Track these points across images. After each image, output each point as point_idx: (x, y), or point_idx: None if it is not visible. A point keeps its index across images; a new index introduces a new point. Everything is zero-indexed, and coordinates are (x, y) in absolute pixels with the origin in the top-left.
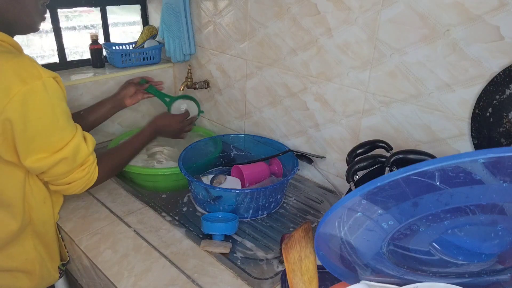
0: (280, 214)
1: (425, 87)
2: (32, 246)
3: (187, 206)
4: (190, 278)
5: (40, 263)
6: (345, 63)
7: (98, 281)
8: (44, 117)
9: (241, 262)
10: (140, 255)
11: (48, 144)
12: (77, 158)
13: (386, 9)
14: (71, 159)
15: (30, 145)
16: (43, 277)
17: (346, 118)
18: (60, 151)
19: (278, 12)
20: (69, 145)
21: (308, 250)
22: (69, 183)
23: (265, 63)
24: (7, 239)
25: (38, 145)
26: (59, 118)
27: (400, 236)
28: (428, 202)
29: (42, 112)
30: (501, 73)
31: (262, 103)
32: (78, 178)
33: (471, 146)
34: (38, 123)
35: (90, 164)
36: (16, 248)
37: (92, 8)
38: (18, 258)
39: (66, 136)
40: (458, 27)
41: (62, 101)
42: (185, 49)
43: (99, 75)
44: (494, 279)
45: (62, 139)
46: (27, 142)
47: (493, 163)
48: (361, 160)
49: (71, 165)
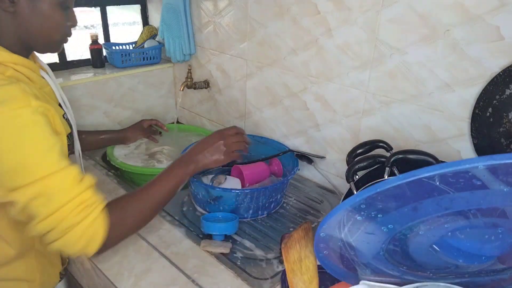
0: (280, 214)
1: (425, 87)
2: (34, 259)
3: (187, 206)
4: (190, 278)
5: (41, 271)
6: (345, 63)
7: (98, 281)
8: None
9: (241, 262)
10: (140, 255)
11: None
12: (63, 192)
13: (386, 9)
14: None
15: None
16: (44, 284)
17: (346, 118)
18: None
19: (278, 12)
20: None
21: (308, 250)
22: (66, 232)
23: (265, 63)
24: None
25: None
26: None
27: (400, 237)
28: (428, 207)
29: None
30: (501, 73)
31: (262, 103)
32: (76, 221)
33: (471, 146)
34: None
35: (91, 205)
36: (18, 262)
37: (92, 8)
38: (20, 269)
39: (41, 170)
40: (458, 27)
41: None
42: (185, 49)
43: (99, 75)
44: (494, 278)
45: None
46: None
47: (494, 169)
48: (361, 160)
49: (55, 200)
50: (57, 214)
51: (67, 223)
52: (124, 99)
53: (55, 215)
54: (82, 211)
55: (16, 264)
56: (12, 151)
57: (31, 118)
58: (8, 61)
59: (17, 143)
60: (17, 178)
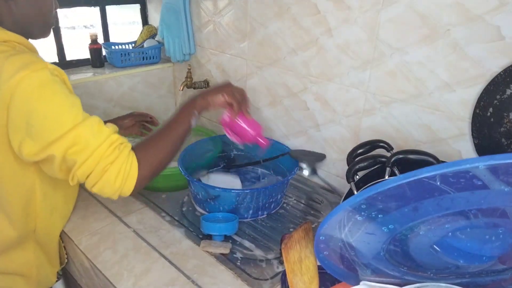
0: (280, 214)
1: (425, 87)
2: (32, 252)
3: (187, 206)
4: (190, 279)
5: (39, 268)
6: (345, 63)
7: (97, 282)
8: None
9: (241, 262)
10: (139, 255)
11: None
12: (96, 136)
13: (386, 9)
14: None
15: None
16: (40, 282)
17: (346, 118)
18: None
19: (278, 12)
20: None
21: (308, 250)
22: (104, 171)
23: (265, 63)
24: (5, 244)
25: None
26: (67, 104)
27: (401, 237)
28: (428, 207)
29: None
30: (502, 73)
31: (262, 103)
32: (112, 159)
33: (471, 146)
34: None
35: (120, 144)
36: (16, 252)
37: (92, 8)
38: (17, 262)
39: (71, 120)
40: (458, 27)
41: (67, 91)
42: (185, 49)
43: (98, 75)
44: (494, 279)
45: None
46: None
47: (494, 169)
48: (361, 160)
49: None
50: (94, 157)
51: (104, 163)
52: (124, 99)
53: (92, 158)
54: (114, 150)
55: (14, 256)
56: (42, 108)
57: (51, 78)
58: (13, 40)
59: (45, 99)
60: (50, 132)
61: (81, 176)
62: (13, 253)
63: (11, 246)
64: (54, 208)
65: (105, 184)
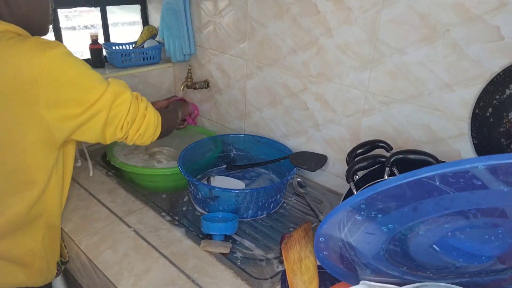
0: (280, 214)
1: (425, 87)
2: (41, 239)
3: (187, 206)
4: (190, 278)
5: (41, 258)
6: (345, 63)
7: (98, 281)
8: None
9: (241, 262)
10: (140, 255)
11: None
12: (126, 89)
13: (386, 9)
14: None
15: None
16: (42, 272)
17: (346, 118)
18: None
19: (278, 12)
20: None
21: (308, 250)
22: (144, 115)
23: (265, 63)
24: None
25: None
26: (89, 71)
27: (400, 237)
28: (428, 207)
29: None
30: (501, 73)
31: (262, 103)
32: (145, 104)
33: (471, 146)
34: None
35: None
36: (24, 237)
37: (92, 8)
38: (21, 248)
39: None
40: (458, 27)
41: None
42: (185, 49)
43: None
44: (494, 278)
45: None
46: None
47: (494, 169)
48: (361, 160)
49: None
50: (133, 105)
51: (142, 107)
52: None
53: (132, 105)
54: (142, 99)
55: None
56: (77, 75)
57: (68, 51)
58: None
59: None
60: (92, 93)
61: (129, 122)
62: (21, 238)
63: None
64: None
65: (147, 127)
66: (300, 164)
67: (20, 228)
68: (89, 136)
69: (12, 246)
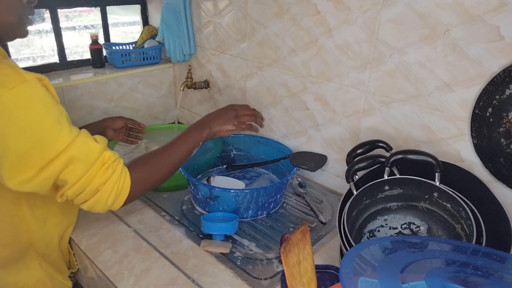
0: (280, 214)
1: (425, 87)
2: (38, 266)
3: (187, 206)
4: (190, 278)
5: (51, 279)
6: (345, 63)
7: (98, 281)
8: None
9: (241, 262)
10: (140, 255)
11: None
12: (89, 156)
13: (386, 9)
14: (80, 158)
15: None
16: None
17: (346, 118)
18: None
19: (278, 12)
20: (70, 147)
21: (306, 252)
22: (97, 191)
23: (265, 63)
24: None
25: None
26: (51, 122)
27: None
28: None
29: (31, 118)
30: (501, 73)
31: (262, 103)
32: (104, 179)
33: (471, 146)
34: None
35: (112, 162)
36: (22, 273)
37: (92, 8)
38: (28, 281)
39: (62, 141)
40: (458, 27)
41: (52, 103)
42: (185, 49)
43: (99, 75)
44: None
45: (55, 145)
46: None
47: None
48: (360, 160)
49: (84, 163)
50: (86, 177)
51: (96, 183)
52: (124, 99)
53: (84, 178)
54: (108, 169)
55: (21, 275)
56: (27, 130)
57: (32, 93)
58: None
59: (30, 122)
60: (42, 155)
61: (72, 195)
62: (20, 274)
63: (12, 264)
64: (46, 217)
65: (96, 203)
66: (300, 164)
67: (12, 266)
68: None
69: (17, 281)
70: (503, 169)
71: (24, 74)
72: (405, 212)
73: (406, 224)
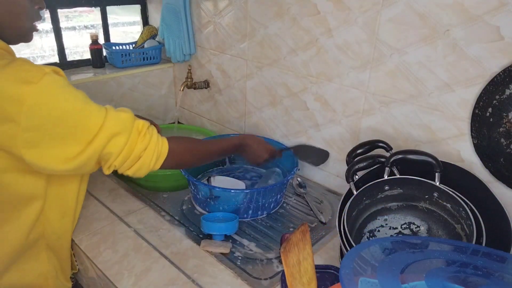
0: (280, 214)
1: (425, 87)
2: (46, 260)
3: (187, 206)
4: (190, 278)
5: (54, 277)
6: (345, 63)
7: (98, 281)
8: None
9: (241, 262)
10: (140, 255)
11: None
12: (125, 126)
13: (386, 9)
14: (119, 131)
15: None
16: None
17: (346, 118)
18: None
19: (278, 12)
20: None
21: (306, 252)
22: (140, 156)
23: (265, 63)
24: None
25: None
26: (80, 105)
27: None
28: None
29: (63, 105)
30: (501, 73)
31: (262, 103)
32: (145, 145)
33: (471, 146)
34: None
35: (147, 129)
36: (29, 264)
37: (92, 8)
38: (31, 274)
39: (96, 118)
40: (458, 27)
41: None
42: (185, 49)
43: (99, 75)
44: None
45: (92, 123)
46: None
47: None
48: (360, 160)
49: (123, 134)
50: (128, 146)
51: (138, 150)
52: (124, 99)
53: (127, 147)
54: (144, 137)
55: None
56: (63, 117)
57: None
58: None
59: (63, 109)
60: (82, 136)
61: (119, 164)
62: (27, 265)
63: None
64: (66, 211)
65: (140, 167)
66: (304, 158)
67: (22, 256)
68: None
69: (21, 275)
70: (503, 169)
71: (43, 67)
72: (405, 212)
73: (406, 224)
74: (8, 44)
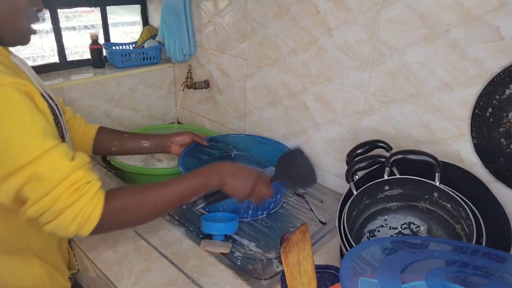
0: (280, 214)
1: (425, 87)
2: (38, 265)
3: (187, 206)
4: (190, 278)
5: (50, 278)
6: (345, 63)
7: (98, 281)
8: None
9: (241, 262)
10: (140, 255)
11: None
12: (55, 174)
13: (386, 9)
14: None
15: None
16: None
17: (346, 118)
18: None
19: (278, 12)
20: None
21: (306, 252)
22: (60, 213)
23: (265, 63)
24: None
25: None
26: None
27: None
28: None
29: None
30: (501, 73)
31: (262, 103)
32: (70, 202)
33: (471, 146)
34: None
35: (84, 184)
36: (22, 269)
37: (92, 8)
38: (26, 278)
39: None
40: (458, 27)
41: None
42: (185, 49)
43: (99, 75)
44: None
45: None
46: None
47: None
48: (360, 160)
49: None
50: (49, 197)
51: (60, 205)
52: (124, 99)
53: (47, 197)
54: (76, 191)
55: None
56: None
57: (4, 98)
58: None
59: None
60: (4, 165)
61: (33, 214)
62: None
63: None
64: None
65: (58, 226)
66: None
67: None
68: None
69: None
70: (503, 169)
71: (2, 78)
72: (405, 212)
73: (406, 224)
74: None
